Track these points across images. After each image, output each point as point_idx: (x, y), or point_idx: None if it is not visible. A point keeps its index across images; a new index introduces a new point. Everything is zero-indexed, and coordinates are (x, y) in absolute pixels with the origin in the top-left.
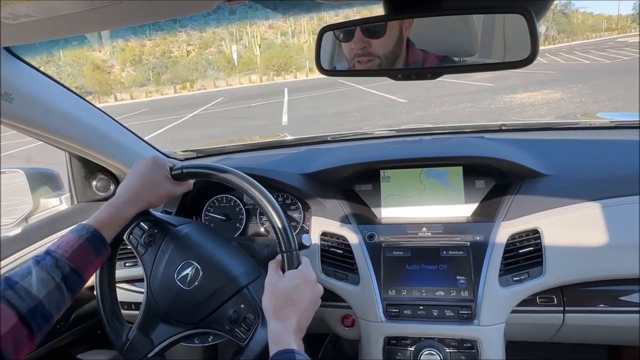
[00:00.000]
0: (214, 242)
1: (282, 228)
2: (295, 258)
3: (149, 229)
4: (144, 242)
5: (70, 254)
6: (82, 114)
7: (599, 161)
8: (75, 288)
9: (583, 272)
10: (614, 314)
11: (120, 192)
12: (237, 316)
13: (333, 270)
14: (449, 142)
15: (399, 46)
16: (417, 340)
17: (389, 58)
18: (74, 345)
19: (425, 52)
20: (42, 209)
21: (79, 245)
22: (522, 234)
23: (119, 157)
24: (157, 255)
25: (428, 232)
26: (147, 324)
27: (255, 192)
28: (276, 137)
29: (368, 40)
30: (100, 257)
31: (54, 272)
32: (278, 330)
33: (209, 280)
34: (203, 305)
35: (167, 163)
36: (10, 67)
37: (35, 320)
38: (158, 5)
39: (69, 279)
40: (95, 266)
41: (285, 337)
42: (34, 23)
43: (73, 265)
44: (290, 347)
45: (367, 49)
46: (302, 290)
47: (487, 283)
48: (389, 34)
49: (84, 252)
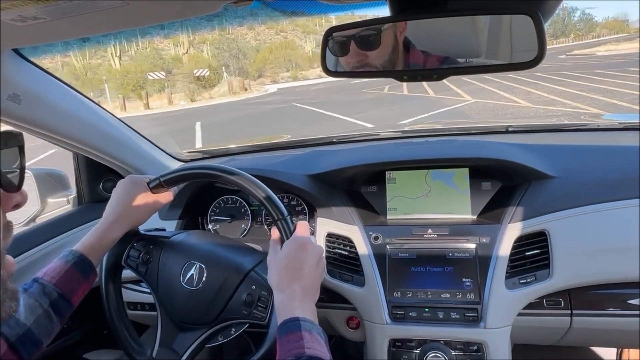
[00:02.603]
0: (212, 240)
1: (267, 197)
2: (289, 224)
3: (143, 247)
4: (143, 260)
5: (57, 280)
6: (89, 115)
7: (607, 163)
8: (64, 313)
9: (591, 275)
10: (622, 317)
11: (105, 216)
12: (251, 299)
13: (338, 271)
14: (455, 144)
15: (395, 53)
16: (423, 343)
17: (386, 66)
18: (81, 344)
19: (427, 54)
20: (49, 209)
21: (66, 271)
22: (529, 236)
23: (125, 158)
24: (159, 268)
25: (434, 233)
26: (167, 338)
27: (233, 178)
28: (282, 138)
29: (364, 52)
30: (88, 281)
31: (42, 298)
32: (281, 301)
33: (215, 275)
34: (215, 299)
35: (143, 179)
36: (18, 69)
37: (24, 347)
38: (164, 7)
39: (57, 304)
40: (84, 290)
41: (288, 306)
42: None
43: (60, 291)
44: (294, 315)
45: (364, 61)
46: (299, 256)
47: (494, 285)
48: (384, 44)
49: (71, 277)
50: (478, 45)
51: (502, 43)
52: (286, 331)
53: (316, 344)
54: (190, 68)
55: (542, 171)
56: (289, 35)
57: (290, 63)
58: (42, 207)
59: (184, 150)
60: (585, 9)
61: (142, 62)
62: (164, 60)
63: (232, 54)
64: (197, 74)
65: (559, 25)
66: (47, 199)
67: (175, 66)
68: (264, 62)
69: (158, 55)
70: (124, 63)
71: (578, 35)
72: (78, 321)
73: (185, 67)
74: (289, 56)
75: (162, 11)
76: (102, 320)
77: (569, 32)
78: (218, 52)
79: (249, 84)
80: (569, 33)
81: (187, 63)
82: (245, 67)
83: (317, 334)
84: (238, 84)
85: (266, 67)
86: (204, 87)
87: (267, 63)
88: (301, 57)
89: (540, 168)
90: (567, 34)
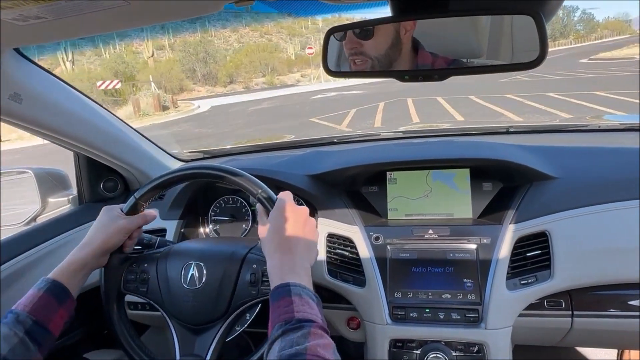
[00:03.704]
0: (203, 241)
1: (241, 176)
2: (270, 195)
3: (138, 267)
4: (141, 280)
5: (30, 308)
6: (90, 115)
7: (608, 164)
8: (42, 341)
9: (592, 276)
10: (624, 318)
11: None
12: (255, 277)
13: (339, 272)
14: (456, 144)
15: (394, 50)
16: (423, 343)
17: (382, 60)
18: (81, 344)
19: (435, 56)
20: (50, 209)
21: (39, 298)
22: (530, 236)
23: (126, 158)
24: (159, 279)
25: (435, 234)
26: (186, 345)
27: (207, 171)
28: (282, 139)
29: (359, 41)
30: (65, 306)
31: (16, 327)
32: (271, 268)
33: (214, 268)
34: (221, 291)
35: (117, 206)
36: (19, 68)
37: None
38: (166, 7)
39: (32, 332)
40: (62, 316)
41: (278, 272)
42: (44, 24)
43: (35, 318)
44: (284, 281)
45: (359, 49)
46: (283, 220)
47: (495, 286)
48: (379, 36)
49: (45, 303)
50: (479, 46)
51: (504, 43)
52: (277, 297)
53: (306, 307)
54: (153, 73)
55: (543, 172)
56: (274, 38)
57: (267, 67)
58: (43, 206)
59: (185, 151)
60: (586, 8)
61: (100, 67)
62: (126, 64)
63: (199, 58)
64: (102, 87)
65: (557, 26)
66: (48, 199)
67: (141, 72)
68: (237, 66)
69: (120, 59)
70: (81, 67)
71: (579, 36)
72: (78, 321)
73: (150, 73)
74: (266, 60)
75: (163, 11)
76: (102, 320)
77: (568, 33)
78: (183, 56)
79: (175, 100)
80: (568, 34)
81: (152, 67)
82: (214, 71)
83: (307, 298)
84: (153, 101)
85: (239, 72)
86: (116, 103)
87: (242, 67)
88: (279, 60)
89: (541, 169)
90: (567, 35)
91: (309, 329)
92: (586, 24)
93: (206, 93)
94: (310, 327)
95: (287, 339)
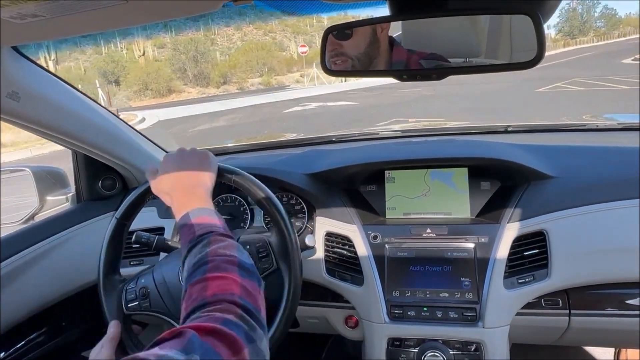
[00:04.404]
0: None
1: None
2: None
3: (135, 285)
4: (142, 295)
5: None
6: (88, 113)
7: (606, 163)
8: None
9: (589, 275)
10: (620, 317)
11: None
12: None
13: (337, 270)
14: (455, 143)
15: (373, 47)
16: (421, 342)
17: (362, 59)
18: (79, 342)
19: (412, 51)
20: (48, 207)
21: None
22: (527, 235)
23: (124, 156)
24: (158, 288)
25: (432, 233)
26: None
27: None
28: (280, 137)
29: (339, 42)
30: None
31: None
32: (173, 209)
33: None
34: None
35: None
36: (17, 66)
37: None
38: (163, 6)
39: None
40: None
41: (178, 209)
42: (41, 22)
43: None
44: (183, 213)
45: (339, 50)
46: (164, 167)
47: (492, 285)
48: (357, 36)
49: None
50: (478, 45)
51: (502, 43)
52: (181, 228)
53: (205, 222)
54: (139, 73)
55: (541, 171)
56: (278, 36)
57: (265, 67)
58: (41, 205)
59: None
60: (608, 3)
61: (91, 66)
62: (116, 63)
63: (189, 57)
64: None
65: (576, 23)
66: (46, 197)
67: (130, 71)
68: (233, 66)
69: (110, 58)
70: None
71: (599, 33)
72: (77, 319)
73: (139, 72)
74: (264, 59)
75: (161, 9)
76: (101, 319)
77: (588, 30)
78: (173, 55)
79: (117, 111)
80: (588, 31)
81: (143, 67)
82: (207, 71)
83: (205, 215)
84: None
85: (235, 72)
86: None
87: (237, 66)
88: (278, 59)
89: (539, 168)
90: (586, 32)
91: (208, 238)
92: (607, 20)
93: (197, 95)
94: (210, 237)
95: (192, 253)
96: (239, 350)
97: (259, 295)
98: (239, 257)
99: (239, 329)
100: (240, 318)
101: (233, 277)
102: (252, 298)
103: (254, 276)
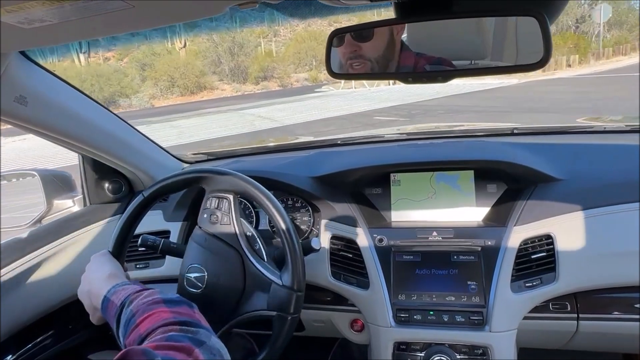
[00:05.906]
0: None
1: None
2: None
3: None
4: None
5: None
6: (95, 117)
7: (613, 166)
8: None
9: (597, 278)
10: (630, 321)
11: None
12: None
13: (342, 274)
14: (460, 146)
15: (391, 49)
16: (427, 346)
17: (381, 61)
18: (86, 345)
19: (420, 55)
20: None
21: None
22: (534, 239)
23: (131, 160)
24: None
25: (438, 236)
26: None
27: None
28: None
29: (358, 44)
30: None
31: None
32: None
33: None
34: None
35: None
36: (24, 71)
37: None
38: (170, 10)
39: None
40: None
41: (94, 298)
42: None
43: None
44: (102, 297)
45: (358, 52)
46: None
47: (499, 289)
48: (377, 37)
49: None
50: (483, 47)
51: (508, 45)
52: (105, 310)
53: (121, 293)
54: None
55: (548, 174)
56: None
57: (314, 60)
58: (48, 208)
59: (189, 152)
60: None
61: (130, 59)
62: (156, 56)
63: (225, 48)
64: None
65: (635, 19)
66: (53, 200)
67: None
68: (281, 60)
69: (151, 50)
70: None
71: None
72: (83, 322)
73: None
74: (314, 50)
75: (167, 13)
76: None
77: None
78: (207, 48)
79: None
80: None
81: (180, 59)
82: (244, 65)
83: (119, 289)
84: None
85: (278, 66)
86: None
87: (286, 59)
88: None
89: (546, 170)
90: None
91: (129, 299)
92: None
93: (232, 92)
94: (130, 298)
95: (121, 321)
96: (191, 352)
97: (194, 312)
98: (162, 296)
99: (184, 337)
100: (180, 330)
101: (161, 310)
102: (186, 315)
103: (182, 303)
